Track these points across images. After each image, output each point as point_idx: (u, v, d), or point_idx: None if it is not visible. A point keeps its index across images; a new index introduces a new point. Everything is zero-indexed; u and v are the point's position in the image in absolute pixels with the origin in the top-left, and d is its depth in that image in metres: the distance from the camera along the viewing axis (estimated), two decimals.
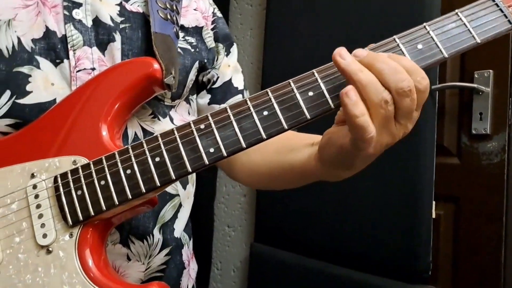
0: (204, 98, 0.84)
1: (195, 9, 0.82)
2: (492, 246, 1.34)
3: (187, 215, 0.81)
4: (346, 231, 1.50)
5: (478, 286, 1.37)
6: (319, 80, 0.53)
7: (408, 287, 1.34)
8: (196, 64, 0.77)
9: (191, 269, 0.83)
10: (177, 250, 0.78)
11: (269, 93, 0.53)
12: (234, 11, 2.11)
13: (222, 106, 0.81)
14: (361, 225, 1.46)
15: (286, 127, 0.52)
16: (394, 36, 0.54)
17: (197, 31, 0.80)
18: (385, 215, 1.40)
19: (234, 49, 0.89)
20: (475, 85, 1.35)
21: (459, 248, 1.42)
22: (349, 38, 1.46)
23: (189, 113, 0.80)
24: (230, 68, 0.87)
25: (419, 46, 0.53)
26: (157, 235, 0.72)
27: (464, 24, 0.53)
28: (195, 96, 0.83)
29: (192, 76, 0.77)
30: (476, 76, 1.37)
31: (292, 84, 0.53)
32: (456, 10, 0.54)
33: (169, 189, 0.74)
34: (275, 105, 0.52)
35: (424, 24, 0.54)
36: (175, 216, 0.76)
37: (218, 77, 0.85)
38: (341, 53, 0.51)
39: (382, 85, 0.50)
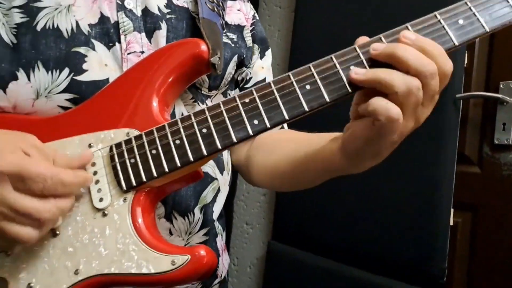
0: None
1: (238, 10, 0.88)
2: (509, 256, 1.34)
3: (223, 200, 0.85)
4: (363, 233, 1.52)
5: None
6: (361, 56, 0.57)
7: None
8: (235, 58, 0.82)
9: (224, 259, 0.88)
10: (214, 236, 0.82)
11: (312, 68, 0.58)
12: (263, 12, 2.15)
13: None
14: (379, 228, 1.47)
15: (328, 100, 0.56)
16: (435, 13, 0.57)
17: (238, 29, 0.86)
18: (403, 220, 1.42)
19: (269, 52, 0.95)
20: (499, 96, 1.36)
21: (475, 256, 1.42)
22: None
23: None
24: (263, 69, 0.92)
25: (460, 22, 0.56)
26: (198, 214, 0.77)
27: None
28: (233, 92, 0.88)
29: (230, 69, 0.82)
30: (501, 86, 1.38)
31: (334, 59, 0.57)
32: None
33: (210, 171, 0.79)
34: (318, 80, 0.57)
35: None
36: (214, 199, 0.81)
37: (251, 77, 0.90)
38: (355, 71, 0.55)
39: (409, 74, 0.53)
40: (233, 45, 0.83)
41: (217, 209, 0.82)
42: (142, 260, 0.58)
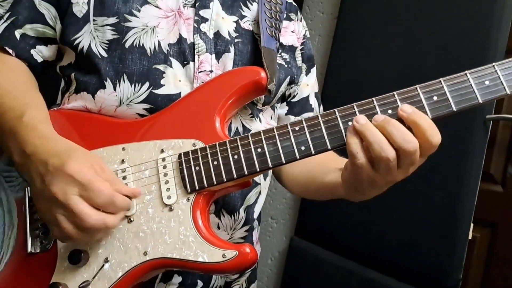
0: (283, 108, 1.01)
1: (292, 31, 0.98)
2: None
3: (263, 201, 0.97)
4: (384, 238, 1.58)
5: None
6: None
7: None
8: (288, 79, 0.93)
9: (257, 250, 1.00)
10: (252, 230, 0.95)
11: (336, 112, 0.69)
12: (305, 16, 2.19)
13: (297, 118, 0.99)
14: (399, 234, 1.54)
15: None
16: (466, 72, 0.66)
17: (291, 49, 0.97)
18: (424, 229, 1.48)
19: (314, 70, 1.05)
20: None
21: (490, 271, 1.47)
22: (415, 56, 1.55)
23: (271, 117, 0.96)
24: (308, 87, 1.03)
25: (486, 82, 0.65)
26: (242, 214, 0.89)
27: None
28: (279, 104, 0.99)
29: (283, 88, 0.93)
30: None
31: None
32: None
33: (256, 178, 0.91)
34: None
35: (493, 64, 0.66)
36: (256, 201, 0.93)
37: (296, 93, 1.01)
38: (357, 119, 0.66)
39: (391, 145, 0.64)
40: (286, 65, 0.94)
41: (257, 209, 0.95)
42: (199, 250, 0.71)
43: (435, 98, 0.66)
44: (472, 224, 1.41)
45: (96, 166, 0.69)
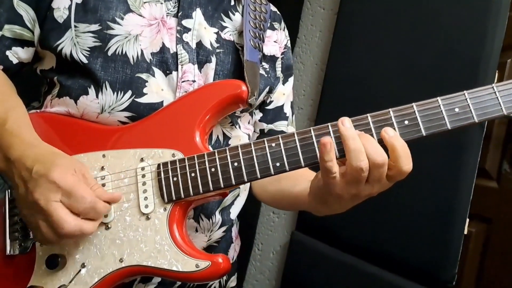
0: (257, 115, 1.01)
1: (275, 41, 0.98)
2: None
3: (242, 203, 0.99)
4: (382, 233, 1.60)
5: None
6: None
7: None
8: (267, 89, 0.93)
9: (236, 244, 1.02)
10: (230, 228, 0.96)
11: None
12: (307, 12, 2.20)
13: (270, 126, 1.00)
14: (396, 229, 1.55)
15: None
16: (438, 98, 0.67)
17: (272, 59, 0.97)
18: (421, 224, 1.49)
19: (291, 79, 1.05)
20: None
21: (484, 265, 1.48)
22: (415, 52, 1.55)
23: (249, 122, 0.97)
24: (284, 96, 1.03)
25: (456, 110, 0.66)
26: (218, 216, 0.91)
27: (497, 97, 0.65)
28: (257, 111, 1.00)
29: (261, 97, 0.93)
30: None
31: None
32: (493, 84, 0.66)
33: None
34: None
35: (464, 91, 0.66)
36: (232, 203, 0.94)
37: (271, 101, 1.01)
38: (343, 121, 0.66)
39: (366, 155, 0.64)
40: (266, 75, 0.93)
41: (234, 210, 0.96)
42: (173, 259, 0.73)
43: (406, 122, 0.66)
44: (467, 219, 1.42)
45: (78, 172, 0.71)
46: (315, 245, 1.85)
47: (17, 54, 0.84)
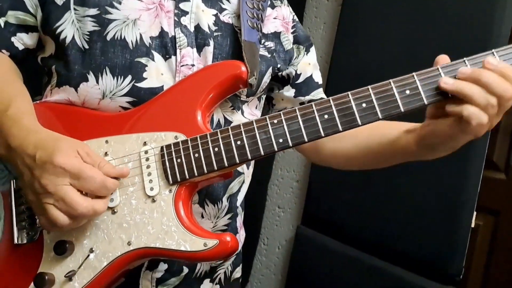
0: (290, 91, 1.01)
1: (274, 18, 0.98)
2: None
3: (246, 190, 0.98)
4: (387, 226, 1.60)
5: None
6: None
7: (439, 287, 1.44)
8: (270, 70, 0.93)
9: (241, 235, 1.02)
10: (235, 217, 0.96)
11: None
12: (311, 3, 2.20)
13: (307, 97, 0.99)
14: (403, 223, 1.55)
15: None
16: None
17: (275, 36, 0.96)
18: (428, 217, 1.49)
19: (313, 49, 1.04)
20: None
21: (493, 258, 1.49)
22: (419, 43, 1.55)
23: (256, 107, 0.97)
24: (310, 65, 1.02)
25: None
26: (225, 202, 0.91)
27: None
28: (289, 87, 1.00)
29: (266, 79, 0.93)
30: None
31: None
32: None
33: (239, 167, 0.91)
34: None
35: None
36: (239, 190, 0.94)
37: (299, 74, 1.00)
38: (444, 81, 0.66)
39: (489, 93, 0.64)
40: (269, 55, 0.93)
41: (240, 197, 0.96)
42: (181, 240, 0.73)
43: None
44: (475, 212, 1.41)
45: (82, 151, 0.71)
46: (321, 239, 1.86)
47: (22, 40, 0.85)
